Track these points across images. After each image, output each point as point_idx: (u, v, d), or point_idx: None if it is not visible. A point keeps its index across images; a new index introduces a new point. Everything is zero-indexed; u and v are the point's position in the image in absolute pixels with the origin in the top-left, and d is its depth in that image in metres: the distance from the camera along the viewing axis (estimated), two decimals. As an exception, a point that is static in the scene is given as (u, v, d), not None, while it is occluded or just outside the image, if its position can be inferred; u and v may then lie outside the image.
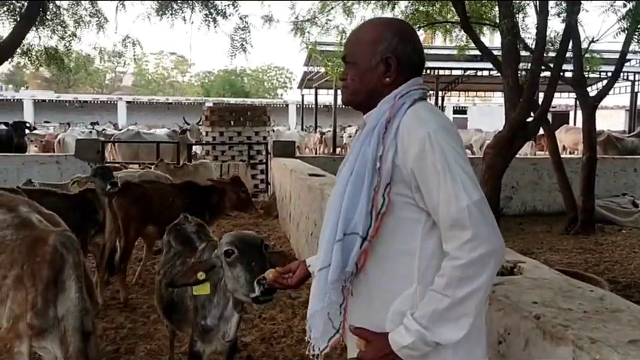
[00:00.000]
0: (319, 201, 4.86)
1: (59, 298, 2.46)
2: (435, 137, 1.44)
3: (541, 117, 5.84)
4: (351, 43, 1.68)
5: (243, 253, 2.21)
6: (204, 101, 40.52)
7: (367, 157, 1.53)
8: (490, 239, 1.37)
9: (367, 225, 1.50)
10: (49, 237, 2.60)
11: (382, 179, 1.50)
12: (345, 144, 19.14)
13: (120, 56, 8.78)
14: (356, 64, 1.63)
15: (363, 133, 1.58)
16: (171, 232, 3.17)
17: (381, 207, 1.50)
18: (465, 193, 1.39)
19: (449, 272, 1.39)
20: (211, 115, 11.14)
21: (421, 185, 1.46)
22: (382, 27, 1.68)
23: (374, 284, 1.55)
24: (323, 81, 19.61)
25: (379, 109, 1.58)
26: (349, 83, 1.65)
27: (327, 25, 10.50)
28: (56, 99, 40.10)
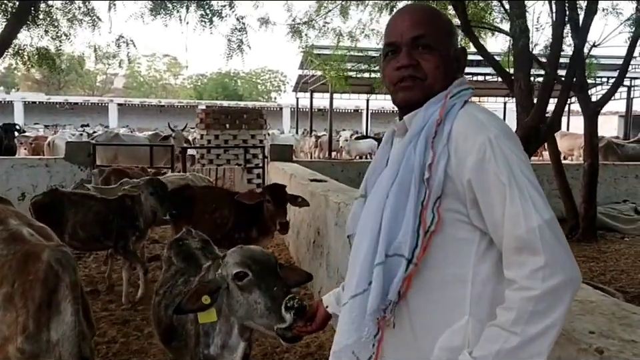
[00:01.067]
0: (323, 208, 4.66)
1: (53, 321, 2.23)
2: (497, 143, 1.23)
3: (554, 122, 5.69)
4: (427, 23, 1.40)
5: (259, 276, 1.90)
6: (197, 104, 40.23)
7: (412, 165, 1.31)
8: (566, 267, 1.15)
9: (413, 245, 1.28)
10: (43, 253, 2.36)
11: (431, 191, 1.28)
12: (340, 148, 18.97)
13: (114, 56, 8.54)
14: (439, 50, 1.39)
15: (407, 137, 1.36)
16: (172, 247, 2.86)
17: (430, 224, 1.28)
18: (536, 211, 1.17)
19: (518, 305, 1.16)
20: (206, 118, 10.90)
21: (480, 200, 1.24)
22: (446, 17, 1.49)
23: (417, 314, 1.33)
24: (318, 85, 19.45)
25: (426, 110, 1.35)
26: (428, 70, 1.38)
27: (324, 27, 10.34)
28: (46, 100, 39.67)
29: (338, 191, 4.80)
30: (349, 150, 18.72)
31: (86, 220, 5.03)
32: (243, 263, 1.94)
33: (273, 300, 1.82)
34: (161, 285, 2.74)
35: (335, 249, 4.28)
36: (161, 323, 2.61)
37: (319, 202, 4.91)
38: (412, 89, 1.39)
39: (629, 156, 13.36)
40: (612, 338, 1.45)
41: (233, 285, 1.94)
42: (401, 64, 1.39)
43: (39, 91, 46.41)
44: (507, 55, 8.56)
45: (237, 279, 1.92)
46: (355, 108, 39.77)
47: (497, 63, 7.78)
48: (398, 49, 1.40)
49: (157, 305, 2.68)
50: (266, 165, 10.38)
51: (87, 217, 5.03)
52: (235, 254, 2.00)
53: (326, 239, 4.61)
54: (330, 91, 17.61)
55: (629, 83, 20.77)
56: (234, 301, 1.95)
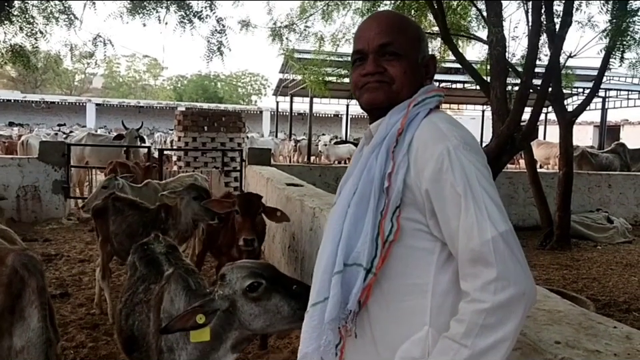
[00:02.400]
0: (299, 213, 4.63)
1: (17, 327, 2.14)
2: (455, 153, 1.21)
3: (529, 131, 5.75)
4: (394, 30, 1.39)
5: (274, 281, 1.86)
6: (176, 105, 39.90)
7: (373, 175, 1.30)
8: (519, 280, 1.13)
9: (372, 254, 1.27)
10: (7, 257, 2.26)
11: (390, 200, 1.26)
12: (319, 152, 18.98)
13: (91, 55, 8.40)
14: (406, 57, 1.37)
15: (369, 146, 1.35)
16: (137, 251, 2.75)
17: (389, 233, 1.26)
18: (491, 223, 1.15)
19: (469, 317, 1.14)
20: (184, 120, 10.78)
21: (437, 210, 1.23)
22: (415, 23, 1.48)
23: (378, 324, 1.32)
24: (298, 89, 19.42)
25: (389, 119, 1.34)
26: (395, 75, 1.36)
27: (306, 31, 10.34)
28: (22, 99, 38.94)
29: (314, 196, 4.77)
30: (327, 154, 18.74)
31: (119, 230, 4.62)
32: (252, 274, 1.88)
33: (298, 297, 1.80)
34: (124, 291, 2.64)
35: (309, 253, 4.25)
36: (122, 331, 2.51)
37: (294, 207, 4.88)
38: (376, 90, 1.38)
39: (602, 165, 13.60)
40: (577, 348, 1.45)
41: (243, 301, 1.87)
42: (367, 71, 1.38)
43: (14, 89, 45.56)
44: (484, 63, 8.65)
45: (250, 292, 1.85)
46: (335, 113, 39.87)
47: (475, 71, 7.85)
48: (365, 56, 1.39)
49: (119, 313, 2.58)
50: (244, 168, 10.31)
51: (121, 227, 4.60)
52: (237, 270, 1.92)
53: (301, 244, 4.58)
54: (310, 95, 17.60)
55: (604, 94, 21.17)
56: (247, 316, 1.88)
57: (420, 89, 1.39)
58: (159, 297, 2.25)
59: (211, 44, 8.26)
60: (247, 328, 1.91)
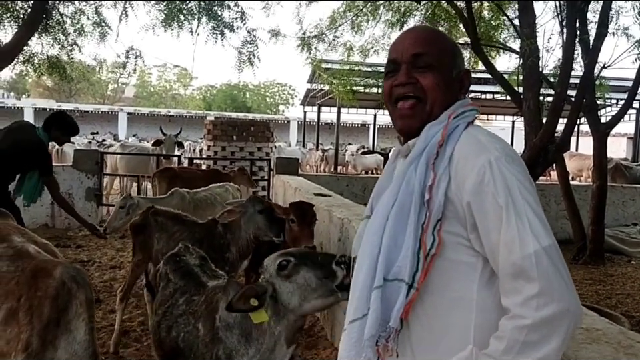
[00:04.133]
0: (327, 223, 4.63)
1: (61, 340, 2.14)
2: (497, 165, 1.20)
3: (563, 143, 5.64)
4: (429, 42, 1.39)
5: (302, 257, 1.99)
6: (205, 115, 40.44)
7: (412, 187, 1.28)
8: (563, 296, 1.10)
9: (414, 269, 1.25)
10: (55, 269, 2.27)
11: (432, 213, 1.25)
12: (346, 162, 18.97)
13: (123, 67, 8.59)
14: (440, 70, 1.37)
15: (408, 158, 1.34)
16: (169, 263, 2.76)
17: (430, 247, 1.24)
18: (533, 236, 1.13)
19: (509, 334, 1.11)
20: (214, 129, 10.92)
21: (479, 223, 1.21)
22: (451, 39, 1.49)
23: (420, 342, 1.29)
24: (326, 99, 19.49)
25: (429, 131, 1.33)
26: (426, 87, 1.36)
27: (334, 41, 10.39)
28: (57, 108, 39.96)
29: (342, 207, 4.76)
30: (354, 164, 18.71)
31: (168, 249, 4.13)
32: (281, 255, 2.03)
33: (321, 267, 1.93)
34: (159, 304, 2.64)
35: (337, 265, 4.23)
36: (163, 344, 2.50)
37: (322, 217, 4.87)
38: (412, 117, 1.38)
39: (637, 178, 13.25)
40: (618, 368, 1.41)
41: (279, 281, 2.00)
42: (399, 81, 1.38)
43: (49, 98, 46.82)
44: (516, 74, 8.55)
45: (280, 270, 1.99)
46: (362, 122, 39.84)
47: (506, 82, 7.77)
48: (398, 66, 1.39)
49: (157, 326, 2.56)
50: (271, 177, 10.37)
51: (169, 245, 4.13)
52: (271, 257, 2.07)
53: (329, 254, 4.57)
54: (337, 105, 17.64)
55: (638, 105, 20.67)
56: (284, 296, 2.00)
57: (455, 102, 1.38)
58: (213, 306, 2.27)
59: (242, 54, 8.37)
60: (288, 309, 2.00)
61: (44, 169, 4.87)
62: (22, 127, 5.00)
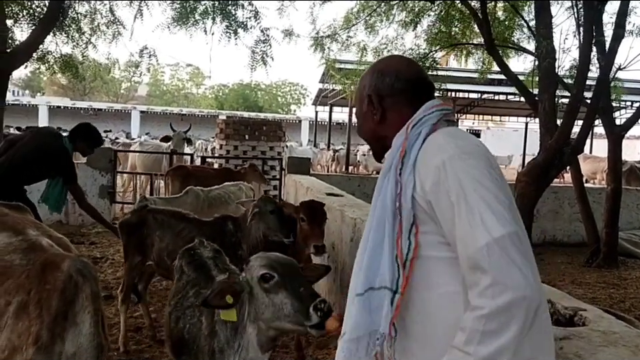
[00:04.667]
0: (339, 223, 4.63)
1: (69, 332, 2.17)
2: (450, 163, 1.25)
3: (578, 145, 5.59)
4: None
5: (285, 277, 1.96)
6: (217, 114, 40.59)
7: (385, 199, 1.35)
8: (516, 284, 1.12)
9: (395, 275, 1.31)
10: (63, 263, 2.30)
11: (403, 219, 1.31)
12: (358, 162, 18.94)
13: (137, 66, 8.64)
14: (357, 115, 1.60)
15: (382, 173, 1.42)
16: (184, 256, 2.82)
17: (407, 251, 1.30)
18: (484, 229, 1.16)
19: (470, 324, 1.15)
20: (226, 128, 10.95)
21: (440, 221, 1.27)
22: (366, 73, 1.61)
23: (418, 342, 1.34)
24: (338, 99, 19.48)
25: (394, 145, 1.42)
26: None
27: (348, 41, 10.39)
28: (71, 106, 40.36)
29: (354, 207, 4.76)
30: (366, 164, 18.68)
31: (175, 247, 4.09)
32: (268, 265, 2.01)
33: (300, 300, 1.90)
34: (172, 295, 2.71)
35: (349, 264, 4.23)
36: (172, 334, 2.57)
37: (334, 217, 4.87)
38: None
39: (652, 182, 13.11)
40: (636, 373, 1.39)
41: (258, 288, 2.00)
42: None
43: (64, 96, 47.27)
44: (531, 75, 8.49)
45: (263, 281, 1.98)
46: (375, 123, 39.77)
47: (521, 83, 7.72)
48: None
49: (169, 316, 2.64)
50: (283, 177, 10.38)
51: (176, 243, 4.10)
52: (259, 258, 2.06)
53: (340, 254, 4.56)
54: (349, 105, 17.62)
55: (654, 107, 20.40)
56: (259, 303, 2.00)
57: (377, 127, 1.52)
58: None
59: (255, 54, 8.39)
60: (259, 317, 2.02)
61: (67, 177, 4.91)
62: (48, 133, 5.10)
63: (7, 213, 2.93)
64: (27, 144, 4.79)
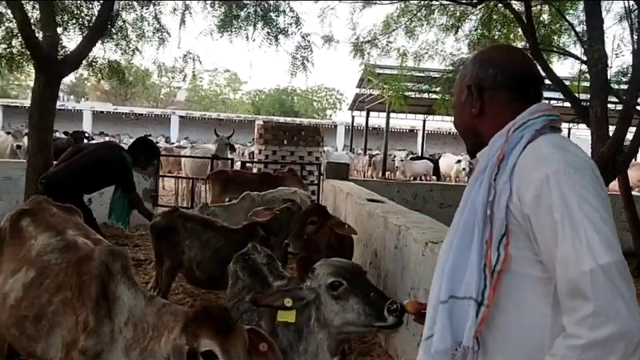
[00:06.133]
0: (382, 230, 4.59)
1: (114, 309, 2.26)
2: (555, 178, 1.17)
3: (632, 153, 5.40)
4: None
5: (353, 283, 1.99)
6: (254, 119, 40.97)
7: (476, 204, 1.28)
8: (620, 317, 1.05)
9: (481, 286, 1.24)
10: (94, 253, 2.46)
11: (495, 229, 1.24)
12: (395, 168, 18.80)
13: (180, 71, 8.82)
14: (454, 104, 1.52)
15: (473, 176, 1.35)
16: (238, 262, 2.86)
17: (496, 262, 1.23)
18: (590, 253, 1.09)
19: (562, 352, 1.10)
20: (265, 133, 11.05)
21: (538, 237, 1.19)
22: (469, 61, 1.52)
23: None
24: (375, 104, 19.40)
25: (491, 146, 1.33)
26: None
27: (388, 46, 10.34)
28: (113, 110, 41.44)
29: (398, 213, 4.71)
30: (403, 170, 18.52)
31: (203, 258, 4.10)
32: (335, 273, 2.03)
33: (372, 305, 1.93)
34: (228, 299, 2.76)
35: (393, 272, 4.19)
36: None
37: (377, 223, 4.84)
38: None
39: None
40: None
41: (326, 296, 2.03)
42: None
43: (106, 101, 48.55)
44: (577, 79, 8.27)
45: (331, 289, 2.01)
46: (411, 128, 39.44)
47: (567, 88, 7.51)
48: None
49: None
50: (321, 182, 10.39)
51: (204, 254, 4.07)
52: (324, 266, 2.09)
53: (384, 261, 4.52)
54: (387, 110, 17.52)
55: None
56: (328, 311, 2.03)
57: (474, 121, 1.42)
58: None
59: (296, 59, 8.43)
60: (328, 323, 2.04)
61: (125, 186, 5.16)
62: (109, 145, 5.40)
63: (54, 213, 3.03)
64: (88, 154, 5.07)
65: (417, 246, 3.53)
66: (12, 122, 34.01)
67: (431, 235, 3.54)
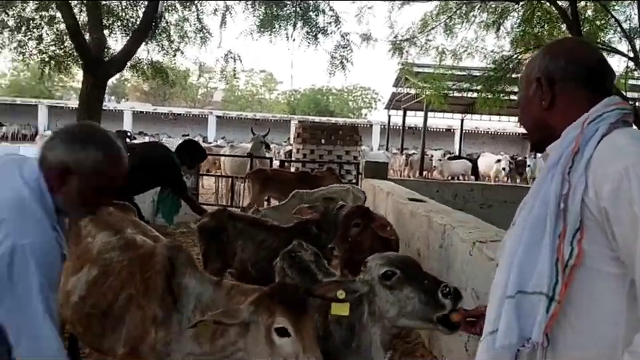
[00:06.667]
0: (425, 229, 4.55)
1: (181, 299, 2.29)
2: (634, 170, 1.13)
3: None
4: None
5: (406, 272, 1.98)
6: (289, 119, 41.26)
7: (548, 197, 1.24)
8: None
9: (553, 281, 1.20)
10: (156, 249, 2.49)
11: (568, 223, 1.20)
12: (433, 167, 18.63)
13: (221, 71, 8.96)
14: (520, 100, 1.48)
15: (545, 169, 1.31)
16: (285, 259, 2.87)
17: (569, 257, 1.19)
18: None
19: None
20: (303, 132, 11.09)
21: (615, 231, 1.15)
22: (536, 54, 1.48)
23: (566, 357, 1.24)
24: (412, 102, 19.28)
25: (564, 139, 1.29)
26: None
27: (427, 44, 10.27)
28: (152, 111, 42.36)
29: (441, 212, 4.66)
30: (441, 170, 18.34)
31: (258, 258, 4.03)
32: (388, 263, 2.04)
33: (427, 292, 1.91)
34: None
35: (437, 271, 4.14)
36: None
37: (420, 223, 4.80)
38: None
39: None
40: None
41: (380, 287, 2.02)
42: None
43: (146, 102, 49.65)
44: (624, 77, 8.05)
45: (384, 279, 2.00)
46: (448, 127, 39.00)
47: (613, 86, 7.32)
48: None
49: None
50: (360, 181, 10.38)
51: (258, 255, 4.00)
52: (377, 258, 2.10)
53: (427, 261, 4.48)
54: (424, 109, 17.38)
55: None
56: (382, 302, 2.02)
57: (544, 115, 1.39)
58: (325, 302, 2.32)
59: (334, 58, 8.45)
60: (383, 315, 2.04)
61: (176, 187, 5.17)
62: (153, 146, 5.43)
63: (111, 212, 3.10)
64: (135, 154, 5.12)
65: (464, 245, 3.48)
66: (58, 122, 35.01)
67: (478, 235, 3.49)
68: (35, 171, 1.59)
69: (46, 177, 1.59)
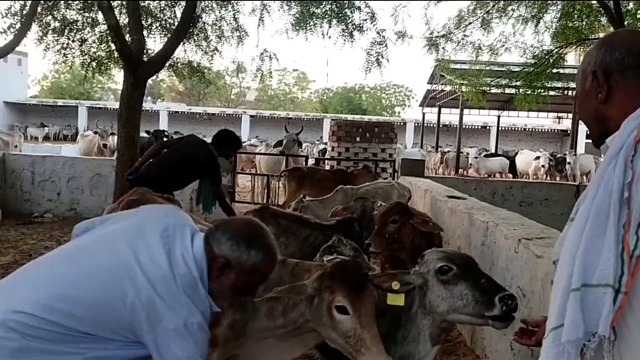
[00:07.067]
0: (467, 226, 4.49)
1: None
2: None
3: None
4: None
5: (463, 269, 1.99)
6: (322, 117, 41.33)
7: (611, 187, 1.21)
8: None
9: (619, 272, 1.17)
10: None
11: (632, 212, 1.17)
12: (469, 165, 18.37)
13: (258, 69, 9.02)
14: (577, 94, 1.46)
15: (606, 159, 1.27)
16: (325, 254, 2.84)
17: (634, 247, 1.16)
18: None
19: None
20: (338, 130, 11.09)
21: None
22: (592, 48, 1.44)
23: (629, 354, 1.20)
24: (447, 99, 19.06)
25: (624, 129, 1.26)
26: None
27: (463, 40, 10.12)
28: (187, 111, 43.06)
29: (483, 210, 4.59)
30: (477, 167, 18.06)
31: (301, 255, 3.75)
32: (445, 258, 2.05)
33: (482, 291, 1.92)
34: None
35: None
36: None
37: (460, 220, 4.74)
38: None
39: None
40: None
41: (434, 281, 2.04)
42: None
43: (181, 102, 50.50)
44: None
45: (440, 274, 2.02)
46: (483, 124, 38.41)
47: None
48: None
49: None
50: (396, 179, 10.31)
51: (302, 250, 3.88)
52: (434, 252, 2.12)
53: (468, 258, 4.43)
54: (460, 106, 17.16)
55: None
56: (435, 296, 2.04)
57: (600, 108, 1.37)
58: None
59: (370, 55, 8.41)
60: (434, 310, 2.05)
61: (214, 180, 5.27)
62: (196, 144, 5.47)
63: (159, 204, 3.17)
64: (177, 151, 5.22)
65: (508, 242, 3.42)
66: (99, 122, 35.92)
67: (522, 232, 3.42)
68: (202, 251, 1.74)
69: (208, 263, 1.73)
